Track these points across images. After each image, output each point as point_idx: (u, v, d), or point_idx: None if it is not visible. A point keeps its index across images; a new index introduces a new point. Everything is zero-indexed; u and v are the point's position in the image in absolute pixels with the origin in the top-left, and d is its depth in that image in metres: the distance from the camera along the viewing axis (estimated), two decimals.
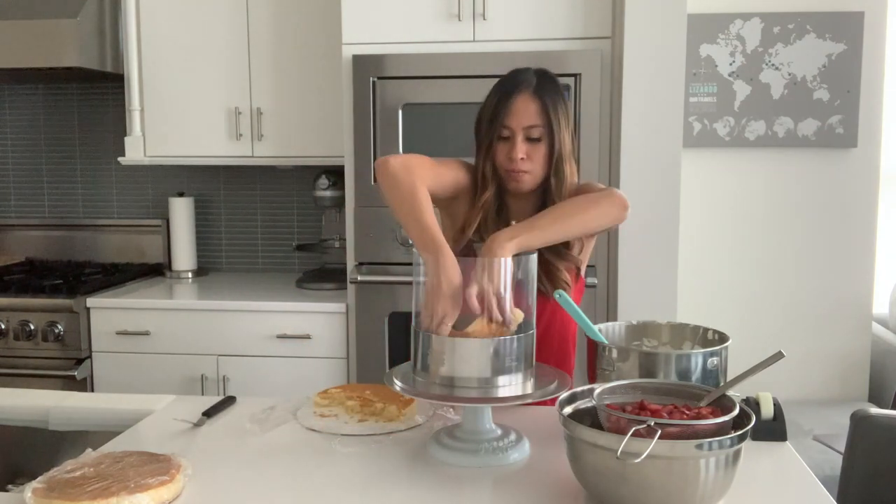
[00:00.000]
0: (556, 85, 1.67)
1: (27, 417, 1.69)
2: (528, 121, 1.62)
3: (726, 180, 3.16)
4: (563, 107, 1.64)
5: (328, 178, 3.11)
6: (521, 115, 1.62)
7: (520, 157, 1.62)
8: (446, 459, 1.38)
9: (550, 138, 1.63)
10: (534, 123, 1.62)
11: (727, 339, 1.43)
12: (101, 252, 3.52)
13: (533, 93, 1.62)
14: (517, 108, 1.62)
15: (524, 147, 1.62)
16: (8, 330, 2.89)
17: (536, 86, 1.63)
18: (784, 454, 1.41)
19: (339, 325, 2.82)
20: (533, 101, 1.62)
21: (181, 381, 2.86)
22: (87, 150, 3.56)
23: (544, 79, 1.66)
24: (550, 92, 1.64)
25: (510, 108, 1.62)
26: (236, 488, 1.29)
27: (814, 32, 3.04)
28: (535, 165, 1.64)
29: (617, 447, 1.06)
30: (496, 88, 1.68)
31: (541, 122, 1.62)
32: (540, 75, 1.67)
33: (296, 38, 3.02)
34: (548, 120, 1.61)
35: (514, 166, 1.63)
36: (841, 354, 3.18)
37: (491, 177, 1.68)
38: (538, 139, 1.63)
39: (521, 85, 1.63)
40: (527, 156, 1.62)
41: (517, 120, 1.62)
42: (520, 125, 1.62)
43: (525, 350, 1.38)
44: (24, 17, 2.91)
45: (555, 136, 1.62)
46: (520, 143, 1.62)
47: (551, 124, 1.61)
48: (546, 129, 1.62)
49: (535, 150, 1.63)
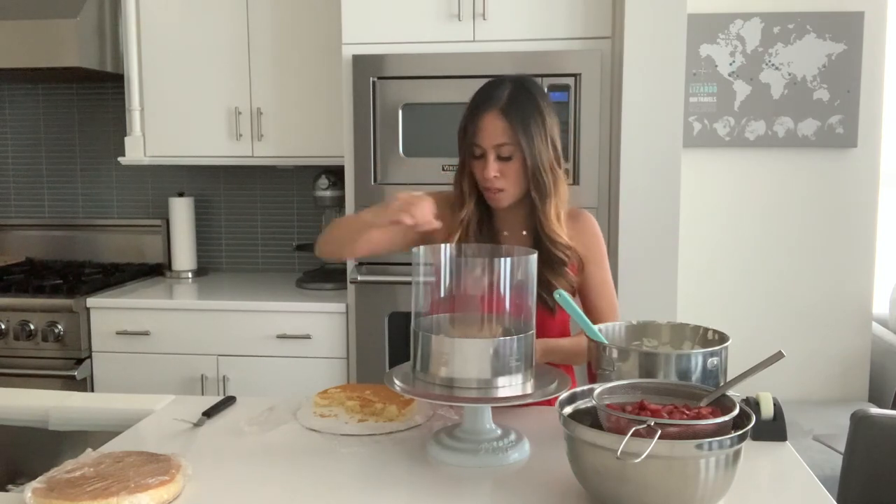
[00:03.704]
0: (530, 97, 1.62)
1: (27, 417, 1.69)
2: (496, 139, 1.60)
3: (726, 180, 3.16)
4: (538, 119, 1.61)
5: (328, 178, 3.11)
6: (488, 134, 1.60)
7: (492, 175, 1.61)
8: (446, 459, 1.38)
9: (522, 154, 1.60)
10: (502, 142, 1.60)
11: (727, 339, 1.43)
12: (101, 252, 3.52)
13: (500, 111, 1.60)
14: (484, 127, 1.61)
15: (496, 165, 1.61)
16: (8, 330, 2.89)
17: (506, 102, 1.60)
18: (784, 454, 1.41)
19: (339, 325, 2.82)
20: (500, 119, 1.59)
21: (181, 381, 2.86)
22: (87, 150, 3.56)
23: (518, 91, 1.62)
24: (521, 107, 1.60)
25: (478, 127, 1.61)
26: (236, 488, 1.29)
27: (814, 32, 3.04)
28: (508, 182, 1.63)
29: (617, 447, 1.06)
30: (469, 104, 1.66)
31: (509, 140, 1.59)
32: (516, 87, 1.63)
33: (296, 38, 3.02)
34: (516, 137, 1.59)
35: (488, 184, 1.63)
36: (841, 354, 3.18)
37: (469, 193, 1.68)
38: (508, 157, 1.61)
39: (489, 103, 1.61)
40: (500, 173, 1.61)
41: (486, 139, 1.61)
42: (489, 144, 1.61)
43: (525, 350, 1.38)
44: (24, 17, 2.91)
45: (525, 151, 1.60)
46: (491, 161, 1.61)
47: (520, 141, 1.59)
48: (516, 147, 1.60)
49: (507, 167, 1.61)
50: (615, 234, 2.62)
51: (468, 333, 1.39)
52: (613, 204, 2.64)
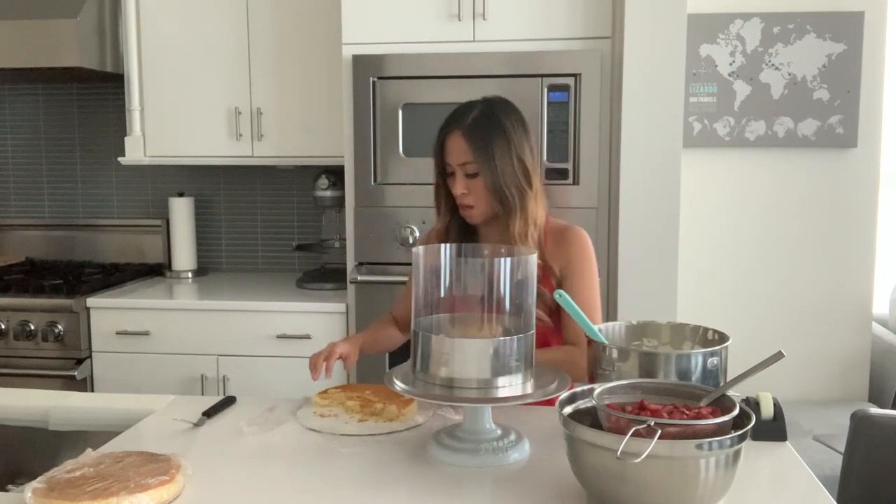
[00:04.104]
0: (494, 118, 1.71)
1: (27, 417, 1.69)
2: (460, 158, 1.70)
3: (726, 180, 3.16)
4: (502, 139, 1.69)
5: (328, 178, 3.11)
6: (453, 153, 1.71)
7: (459, 192, 1.71)
8: (446, 459, 1.38)
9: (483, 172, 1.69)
10: (465, 161, 1.70)
11: (727, 339, 1.43)
12: (101, 252, 3.52)
13: (462, 132, 1.69)
14: (449, 148, 1.72)
15: (462, 182, 1.71)
16: (8, 330, 2.89)
17: (469, 123, 1.69)
18: (784, 454, 1.41)
19: (339, 325, 2.82)
20: (462, 139, 1.69)
21: (181, 381, 2.86)
22: (87, 150, 3.56)
23: (485, 113, 1.71)
24: (484, 128, 1.69)
25: (444, 148, 1.73)
26: (236, 488, 1.29)
27: (814, 32, 3.04)
28: (477, 199, 1.72)
29: (617, 447, 1.06)
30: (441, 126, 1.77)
31: (471, 160, 1.69)
32: (483, 109, 1.72)
33: (296, 38, 3.02)
34: (476, 157, 1.68)
35: (459, 201, 1.74)
36: (841, 354, 3.18)
37: (445, 207, 1.79)
38: (475, 174, 1.70)
39: (454, 124, 1.72)
40: (467, 190, 1.71)
41: (452, 158, 1.72)
42: (455, 162, 1.71)
43: (525, 350, 1.38)
44: (24, 17, 2.91)
45: (484, 170, 1.68)
46: (459, 178, 1.71)
47: (479, 160, 1.68)
48: (480, 164, 1.68)
49: (473, 184, 1.71)
50: (615, 234, 2.63)
51: (468, 333, 1.40)
52: (613, 204, 2.64)
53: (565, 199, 2.61)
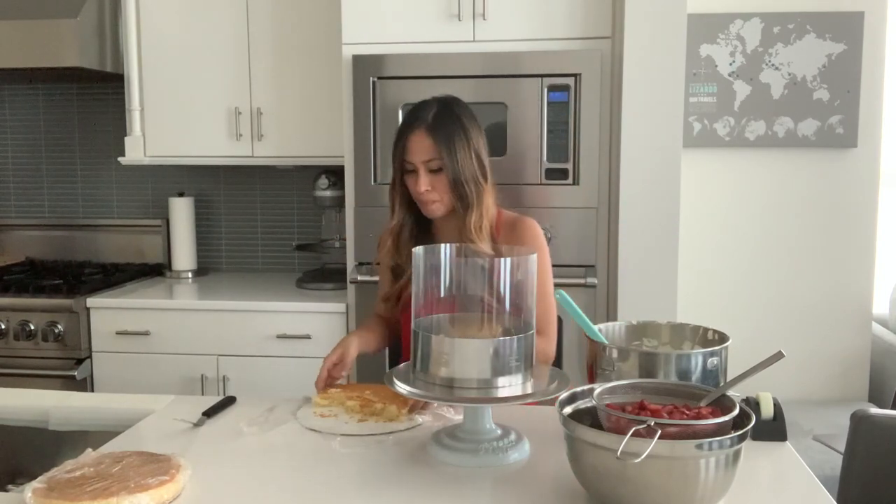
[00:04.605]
0: (453, 115, 1.78)
1: (27, 417, 1.69)
2: (423, 156, 1.76)
3: (726, 180, 3.16)
4: (462, 135, 1.76)
5: (328, 178, 3.11)
6: (416, 150, 1.76)
7: (423, 189, 1.76)
8: (446, 459, 1.38)
9: (446, 167, 1.75)
10: (429, 157, 1.75)
11: (727, 339, 1.43)
12: (101, 252, 3.52)
13: (426, 129, 1.75)
14: (413, 145, 1.77)
15: (426, 179, 1.76)
16: (8, 330, 2.89)
17: (431, 121, 1.76)
18: (784, 454, 1.41)
19: (339, 325, 2.82)
20: (426, 136, 1.75)
21: (181, 381, 2.86)
22: (87, 150, 3.56)
23: (443, 110, 1.78)
24: (445, 124, 1.76)
25: (407, 146, 1.77)
26: (236, 488, 1.29)
27: (814, 32, 3.04)
28: (441, 193, 1.78)
29: (617, 447, 1.06)
30: (400, 126, 1.84)
31: (436, 156, 1.75)
32: (441, 107, 1.79)
33: (296, 38, 3.02)
34: (440, 152, 1.74)
35: (422, 197, 1.79)
36: (841, 354, 3.18)
37: (399, 205, 1.84)
38: (438, 170, 1.76)
39: (416, 122, 1.77)
40: (431, 186, 1.77)
41: (415, 155, 1.77)
42: (418, 160, 1.76)
43: (525, 350, 1.38)
44: (24, 17, 2.91)
45: (447, 165, 1.74)
46: (422, 175, 1.76)
47: (444, 156, 1.74)
48: (443, 160, 1.74)
49: (437, 179, 1.77)
50: (615, 234, 2.62)
51: (468, 333, 1.40)
52: (613, 204, 2.64)
53: (565, 199, 2.61)
